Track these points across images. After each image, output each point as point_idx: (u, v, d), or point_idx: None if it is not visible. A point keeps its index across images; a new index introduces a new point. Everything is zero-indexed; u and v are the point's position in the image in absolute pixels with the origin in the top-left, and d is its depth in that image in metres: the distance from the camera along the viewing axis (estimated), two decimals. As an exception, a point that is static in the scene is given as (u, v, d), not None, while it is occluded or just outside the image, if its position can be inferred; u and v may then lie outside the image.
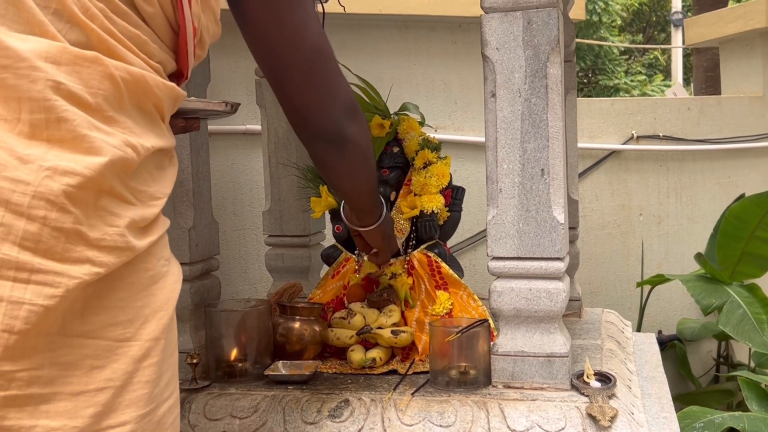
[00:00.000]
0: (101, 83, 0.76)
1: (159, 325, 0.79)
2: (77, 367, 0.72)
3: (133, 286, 0.77)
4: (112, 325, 0.75)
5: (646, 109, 3.16)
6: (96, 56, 0.76)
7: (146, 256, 0.80)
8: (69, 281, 0.70)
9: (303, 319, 1.54)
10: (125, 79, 0.78)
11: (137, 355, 0.76)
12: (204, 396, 1.41)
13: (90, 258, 0.72)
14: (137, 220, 0.78)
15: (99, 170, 0.72)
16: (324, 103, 1.10)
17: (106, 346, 0.74)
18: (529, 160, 1.32)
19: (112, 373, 0.74)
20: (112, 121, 0.76)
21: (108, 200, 0.75)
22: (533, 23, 1.29)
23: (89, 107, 0.74)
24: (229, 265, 2.68)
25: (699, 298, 2.64)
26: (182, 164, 1.53)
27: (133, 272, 0.78)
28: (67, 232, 0.71)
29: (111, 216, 0.74)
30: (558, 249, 1.32)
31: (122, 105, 0.78)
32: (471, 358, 1.40)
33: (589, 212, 3.07)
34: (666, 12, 11.80)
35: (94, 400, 0.73)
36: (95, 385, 0.73)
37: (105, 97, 0.76)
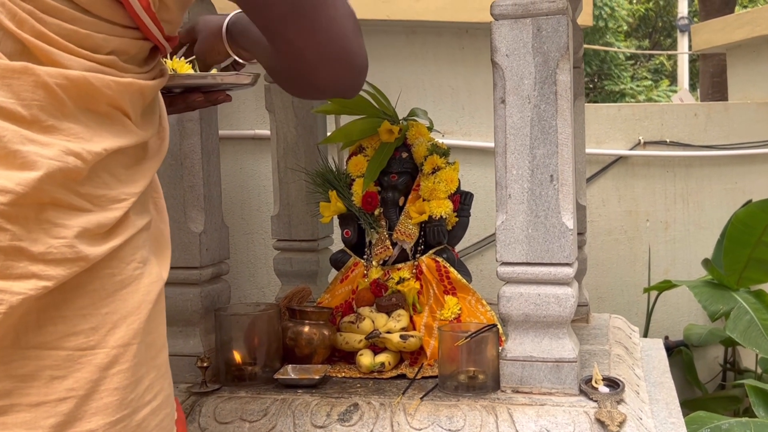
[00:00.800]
0: (35, 93, 0.72)
1: (129, 331, 0.77)
2: (35, 378, 0.71)
3: (96, 293, 0.75)
4: (71, 334, 0.73)
5: (653, 115, 3.17)
6: (25, 66, 0.72)
7: (111, 261, 0.77)
8: (12, 297, 0.68)
9: (312, 323, 1.55)
10: (62, 85, 0.74)
11: (103, 363, 0.74)
12: (214, 399, 1.42)
13: (35, 273, 0.69)
14: (91, 228, 0.75)
15: (33, 185, 0.69)
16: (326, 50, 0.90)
17: (67, 356, 0.72)
18: (538, 166, 1.33)
19: (74, 382, 0.72)
20: (53, 130, 0.73)
21: (53, 212, 0.72)
22: (543, 30, 1.30)
23: (23, 120, 0.71)
24: (237, 270, 2.69)
25: (706, 304, 2.64)
26: (193, 169, 1.54)
27: (95, 279, 0.75)
28: (5, 249, 0.68)
29: (56, 228, 0.72)
30: (567, 254, 1.32)
31: (64, 111, 0.75)
32: (480, 362, 1.40)
33: (596, 218, 3.08)
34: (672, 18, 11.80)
35: (54, 410, 0.71)
36: (56, 395, 0.71)
37: (41, 107, 0.72)
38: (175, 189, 1.54)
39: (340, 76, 0.94)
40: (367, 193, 1.68)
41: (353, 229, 1.72)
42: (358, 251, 1.73)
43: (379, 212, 1.69)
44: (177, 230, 1.54)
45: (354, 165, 1.72)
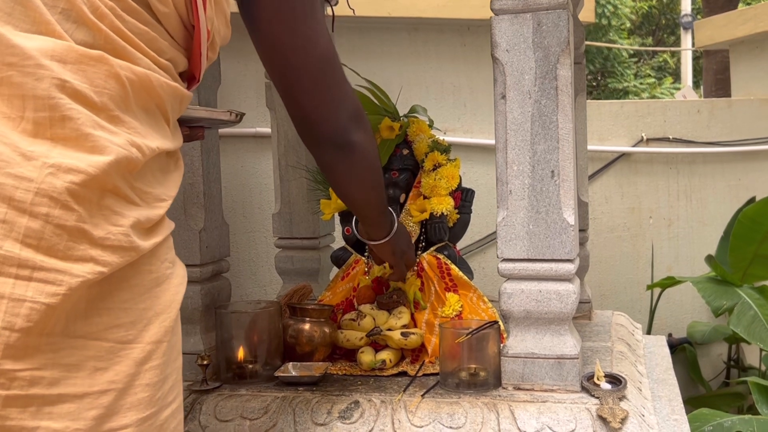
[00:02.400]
0: (107, 82, 0.76)
1: (161, 328, 0.79)
2: (81, 369, 0.72)
3: (136, 288, 0.77)
4: (114, 326, 0.74)
5: (655, 112, 3.16)
6: (101, 55, 0.76)
7: (150, 258, 0.79)
8: (72, 279, 0.69)
9: (313, 320, 1.55)
10: (130, 78, 0.78)
11: (139, 358, 0.76)
12: (215, 397, 1.42)
13: (93, 257, 0.71)
14: (142, 221, 0.77)
15: (103, 169, 0.72)
16: (332, 109, 1.12)
17: (109, 347, 0.74)
18: (539, 162, 1.32)
19: (114, 375, 0.74)
20: (118, 120, 0.76)
21: (112, 199, 0.74)
22: (543, 25, 1.30)
23: (94, 106, 0.74)
24: (238, 268, 2.68)
25: (710, 299, 2.63)
26: (193, 166, 1.53)
27: (137, 274, 0.77)
28: (70, 230, 0.70)
29: (115, 215, 0.74)
30: (568, 251, 1.32)
31: (128, 105, 0.78)
32: (481, 359, 1.40)
33: (599, 215, 3.07)
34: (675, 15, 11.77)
35: (97, 402, 0.72)
36: (99, 387, 0.72)
37: (110, 96, 0.76)
38: (175, 186, 1.53)
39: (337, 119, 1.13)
40: (367, 190, 1.67)
41: (353, 226, 1.71)
42: (359, 249, 1.73)
43: (380, 209, 1.68)
44: (177, 228, 1.52)
45: (355, 162, 1.71)
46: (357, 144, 1.15)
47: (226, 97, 2.53)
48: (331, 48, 1.09)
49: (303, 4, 1.03)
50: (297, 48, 1.04)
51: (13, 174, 0.68)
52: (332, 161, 1.18)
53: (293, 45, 1.04)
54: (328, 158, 1.18)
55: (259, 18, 1.03)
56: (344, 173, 1.21)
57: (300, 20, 1.03)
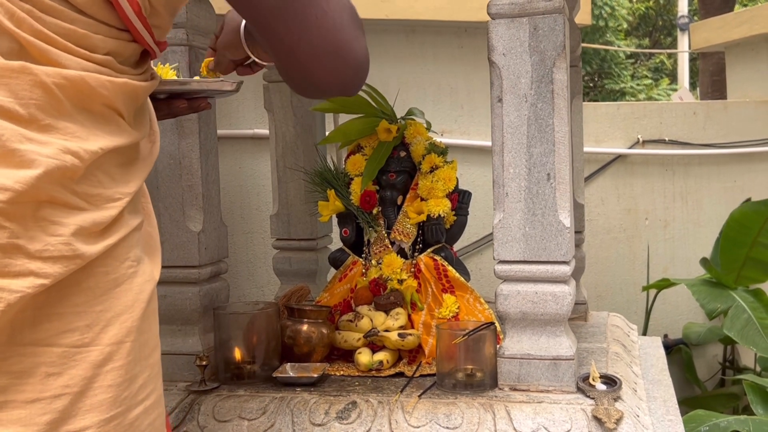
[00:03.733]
0: (32, 92, 0.73)
1: (122, 329, 0.77)
2: (30, 375, 0.71)
3: (91, 291, 0.76)
4: (67, 331, 0.73)
5: (651, 114, 3.17)
6: (23, 66, 0.72)
7: (105, 260, 0.77)
8: (9, 296, 0.68)
9: (311, 321, 1.56)
10: (60, 84, 0.75)
11: (97, 360, 0.75)
12: (213, 398, 1.42)
13: (33, 270, 0.70)
14: (87, 226, 0.75)
15: (32, 183, 0.70)
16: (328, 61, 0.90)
17: (62, 353, 0.73)
18: (535, 165, 1.33)
19: (69, 379, 0.73)
20: (50, 128, 0.73)
21: (49, 210, 0.72)
22: (539, 29, 1.31)
23: (21, 119, 0.71)
24: (236, 269, 2.69)
25: (704, 302, 2.65)
26: (192, 168, 1.54)
27: (89, 277, 0.76)
28: (3, 247, 0.69)
29: (53, 225, 0.72)
30: (564, 252, 1.33)
31: (61, 110, 0.75)
32: (477, 360, 1.41)
33: (595, 216, 3.08)
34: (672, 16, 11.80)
35: (50, 407, 0.71)
36: (51, 392, 0.72)
37: (38, 106, 0.73)
38: (173, 188, 1.54)
39: (336, 72, 0.90)
40: (365, 192, 1.69)
41: (352, 228, 1.73)
42: (356, 250, 1.74)
43: (378, 211, 1.70)
44: (175, 229, 1.54)
45: (352, 164, 1.72)
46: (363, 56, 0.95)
47: (225, 99, 2.53)
48: None
49: None
50: None
51: None
52: None
53: None
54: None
55: None
56: None
57: None
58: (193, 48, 1.52)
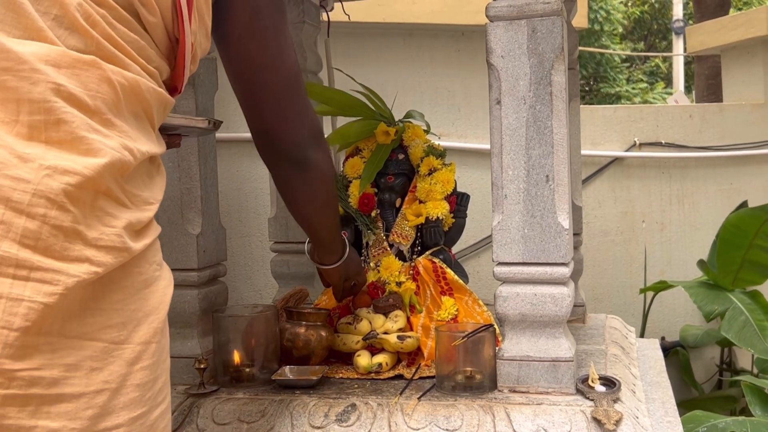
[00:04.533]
0: (99, 86, 0.77)
1: (150, 329, 0.80)
2: (78, 369, 0.73)
3: (127, 290, 0.78)
4: (108, 327, 0.75)
5: (648, 117, 3.18)
6: (94, 60, 0.77)
7: (139, 260, 0.80)
8: (68, 279, 0.70)
9: (310, 324, 1.55)
10: (121, 83, 0.80)
11: (130, 358, 0.77)
12: (212, 401, 1.42)
13: (88, 257, 0.72)
14: (133, 223, 0.78)
15: (98, 171, 0.73)
16: (294, 125, 1.16)
17: (104, 348, 0.75)
18: (534, 167, 1.33)
19: (108, 375, 0.75)
20: (110, 124, 0.77)
21: (105, 201, 0.75)
22: (538, 31, 1.31)
23: (88, 109, 0.75)
24: (234, 272, 2.69)
25: (701, 304, 2.66)
26: (191, 171, 1.54)
27: (128, 275, 0.78)
28: (66, 230, 0.71)
29: (108, 216, 0.75)
30: (563, 254, 1.33)
31: (119, 109, 0.79)
32: (477, 362, 1.41)
33: (592, 219, 3.09)
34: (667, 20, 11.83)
35: (93, 402, 0.73)
36: (95, 386, 0.73)
37: (103, 100, 0.77)
38: (172, 191, 1.54)
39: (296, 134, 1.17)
40: (364, 194, 1.69)
41: (350, 230, 1.73)
42: (355, 253, 1.74)
43: (376, 213, 1.70)
44: (174, 232, 1.54)
45: (351, 167, 1.73)
46: (314, 161, 1.20)
47: (222, 103, 2.53)
48: (297, 65, 1.14)
49: (274, 22, 1.07)
50: (266, 65, 1.08)
51: (11, 176, 0.69)
52: (290, 177, 1.22)
53: (263, 62, 1.08)
54: (285, 175, 1.22)
55: (230, 35, 1.06)
56: (300, 190, 1.25)
57: (270, 38, 1.07)
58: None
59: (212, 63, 1.62)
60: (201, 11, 0.94)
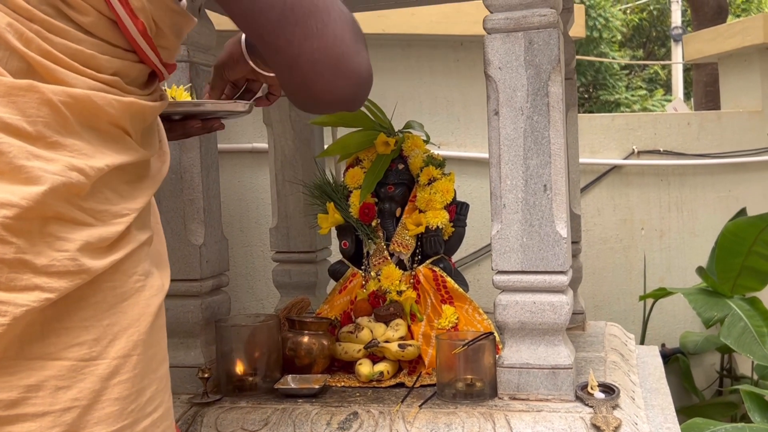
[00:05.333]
0: (39, 110, 0.74)
1: (129, 342, 0.79)
2: (40, 389, 0.72)
3: (98, 306, 0.77)
4: (75, 345, 0.74)
5: (646, 125, 3.20)
6: (30, 84, 0.74)
7: (113, 275, 0.79)
8: (16, 309, 0.69)
9: (311, 333, 1.57)
10: (66, 102, 0.76)
11: (104, 374, 0.76)
12: (215, 409, 1.44)
13: (38, 285, 0.71)
14: (93, 242, 0.76)
15: (37, 199, 0.71)
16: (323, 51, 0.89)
17: (71, 366, 0.74)
18: (531, 176, 1.35)
19: (78, 392, 0.74)
20: (57, 145, 0.75)
21: (56, 226, 0.74)
22: (534, 43, 1.33)
23: (28, 136, 0.73)
24: (236, 282, 2.71)
25: (701, 311, 2.67)
26: (193, 183, 1.56)
27: (97, 292, 0.77)
28: (9, 262, 0.70)
29: (59, 241, 0.73)
30: (561, 263, 1.35)
31: (68, 128, 0.76)
32: (477, 370, 1.42)
33: (591, 227, 3.10)
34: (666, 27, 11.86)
35: (59, 420, 0.72)
36: (61, 405, 0.73)
37: (45, 123, 0.74)
38: (175, 202, 1.56)
39: (338, 85, 0.90)
40: (364, 204, 1.70)
41: (351, 240, 1.74)
42: (356, 262, 1.75)
43: (377, 223, 1.71)
44: (177, 243, 1.56)
45: (351, 177, 1.74)
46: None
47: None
48: None
49: None
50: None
51: None
52: None
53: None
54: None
55: None
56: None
57: None
58: (193, 64, 1.54)
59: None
60: None
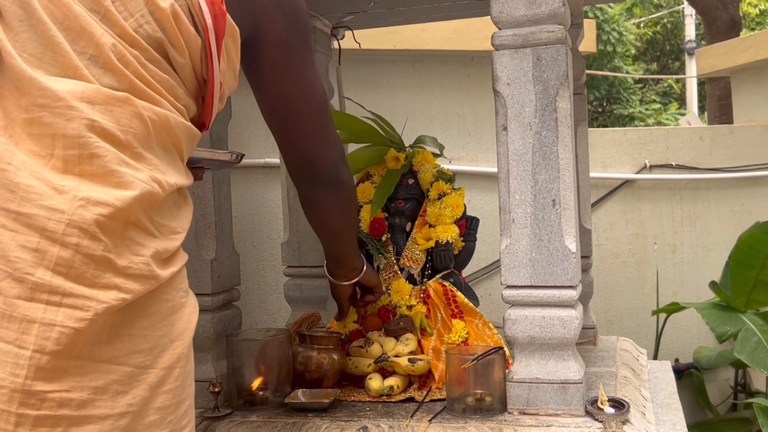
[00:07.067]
0: (131, 122, 0.82)
1: (174, 354, 0.83)
2: (105, 392, 0.76)
3: (155, 316, 0.82)
4: (135, 352, 0.79)
5: (658, 139, 3.20)
6: (127, 97, 0.82)
7: (166, 287, 0.84)
8: (98, 305, 0.74)
9: (322, 348, 1.58)
10: (152, 118, 0.84)
11: (154, 382, 0.80)
12: (226, 424, 1.44)
13: (117, 284, 0.76)
14: (161, 251, 0.82)
15: (128, 202, 0.77)
16: (327, 149, 1.22)
17: (130, 372, 0.78)
18: (540, 191, 1.36)
19: (132, 398, 0.78)
20: (140, 157, 0.82)
21: (134, 231, 0.79)
22: (542, 59, 1.34)
23: (120, 144, 0.80)
24: (248, 296, 2.72)
25: (714, 325, 2.65)
26: (205, 198, 1.58)
27: (155, 302, 0.82)
28: (97, 259, 0.75)
29: (137, 246, 0.79)
30: (570, 277, 1.35)
31: (149, 143, 0.84)
32: (487, 385, 1.42)
33: (603, 241, 3.09)
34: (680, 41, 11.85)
35: (117, 424, 0.76)
36: (119, 409, 0.77)
37: (135, 134, 0.82)
38: (187, 217, 1.57)
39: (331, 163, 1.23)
40: (374, 219, 1.71)
41: (361, 254, 1.75)
42: (366, 277, 1.76)
43: (387, 238, 1.72)
44: (190, 258, 1.56)
45: (361, 192, 1.75)
46: (344, 179, 1.27)
47: (236, 130, 2.58)
48: (324, 93, 1.20)
49: (303, 57, 1.12)
50: (298, 98, 1.14)
51: (46, 206, 0.74)
52: (323, 197, 1.28)
53: (295, 95, 1.13)
54: (320, 194, 1.28)
55: (262, 72, 1.11)
56: (333, 208, 1.31)
57: (300, 72, 1.12)
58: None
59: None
60: (230, 53, 0.98)
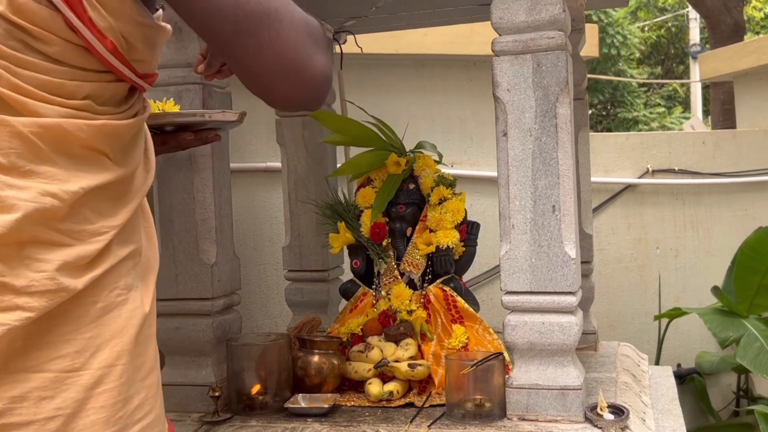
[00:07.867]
0: (11, 142, 0.78)
1: (113, 353, 0.83)
2: (24, 399, 0.76)
3: (81, 319, 0.81)
4: (57, 357, 0.79)
5: (661, 144, 3.19)
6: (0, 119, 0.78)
7: (94, 289, 0.83)
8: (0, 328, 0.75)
9: (322, 352, 1.58)
10: (37, 132, 0.80)
11: (88, 383, 0.80)
12: (225, 428, 1.44)
13: (19, 305, 0.76)
14: (71, 261, 0.81)
15: (12, 226, 0.76)
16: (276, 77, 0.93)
17: (54, 377, 0.78)
18: (540, 197, 1.36)
19: (62, 402, 0.78)
20: (31, 174, 0.79)
21: (33, 248, 0.78)
22: (542, 65, 1.34)
23: (2, 168, 0.78)
24: (249, 300, 2.72)
25: (716, 331, 2.65)
26: (205, 203, 1.58)
27: (78, 306, 0.81)
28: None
29: (37, 263, 0.78)
30: (570, 283, 1.35)
31: (41, 156, 0.80)
32: (486, 390, 1.42)
33: (605, 246, 3.09)
34: (684, 44, 11.84)
35: (44, 429, 0.77)
36: (44, 414, 0.77)
37: (18, 154, 0.79)
38: (187, 222, 1.58)
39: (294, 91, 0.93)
40: (375, 224, 1.71)
41: (362, 259, 1.75)
42: (367, 281, 1.76)
43: (388, 243, 1.72)
44: (189, 262, 1.58)
45: (362, 197, 1.76)
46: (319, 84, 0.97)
47: (238, 133, 2.58)
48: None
49: None
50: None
51: None
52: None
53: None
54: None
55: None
56: None
57: None
58: (206, 86, 1.56)
59: (227, 96, 1.67)
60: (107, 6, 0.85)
